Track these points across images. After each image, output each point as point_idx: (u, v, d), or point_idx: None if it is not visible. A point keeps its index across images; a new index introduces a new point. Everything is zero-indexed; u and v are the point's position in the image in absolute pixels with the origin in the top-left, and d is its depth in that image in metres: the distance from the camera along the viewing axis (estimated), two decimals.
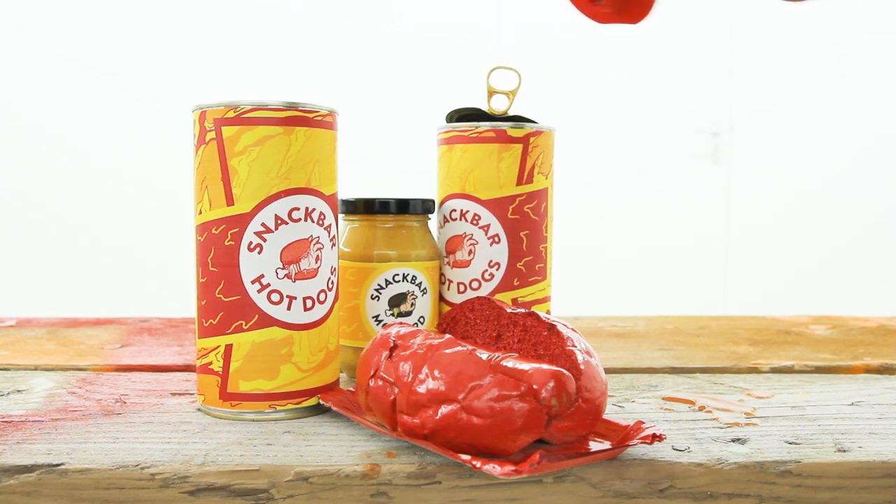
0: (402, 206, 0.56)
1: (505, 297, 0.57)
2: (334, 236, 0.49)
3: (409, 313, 0.56)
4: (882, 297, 2.31)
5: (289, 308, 0.46)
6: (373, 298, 0.55)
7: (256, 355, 0.46)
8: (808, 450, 0.41)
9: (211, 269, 0.46)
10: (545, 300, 0.59)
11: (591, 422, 0.40)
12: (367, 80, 2.31)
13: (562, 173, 0.60)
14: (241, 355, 0.46)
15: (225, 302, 0.46)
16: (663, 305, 2.11)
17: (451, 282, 0.58)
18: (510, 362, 0.38)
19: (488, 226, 0.57)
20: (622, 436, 0.41)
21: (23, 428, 0.44)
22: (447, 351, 0.39)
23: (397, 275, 0.55)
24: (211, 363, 0.47)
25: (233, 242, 0.45)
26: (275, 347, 0.46)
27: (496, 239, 0.57)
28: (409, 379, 0.40)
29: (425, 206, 0.57)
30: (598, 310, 1.04)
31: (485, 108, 0.58)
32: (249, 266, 0.45)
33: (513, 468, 0.35)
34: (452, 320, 0.50)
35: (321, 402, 0.47)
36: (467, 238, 0.57)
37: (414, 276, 0.56)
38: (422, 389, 0.39)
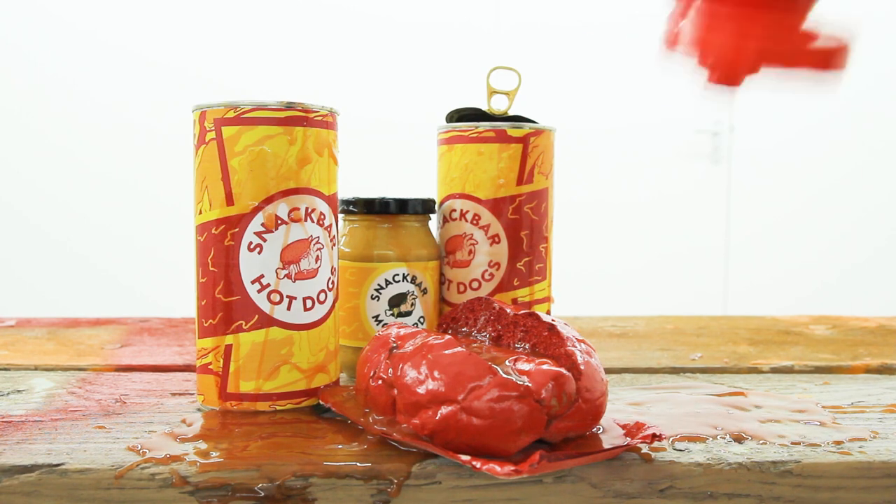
0: (402, 206, 0.56)
1: (505, 297, 0.57)
2: (334, 236, 0.49)
3: (409, 313, 0.56)
4: (882, 297, 2.31)
5: (289, 308, 0.46)
6: (373, 298, 0.55)
7: (256, 355, 0.46)
8: (808, 450, 0.41)
9: (211, 269, 0.46)
10: (545, 300, 0.59)
11: (591, 422, 0.40)
12: (367, 79, 2.31)
13: (562, 173, 0.60)
14: (241, 355, 0.46)
15: (225, 302, 0.46)
16: (663, 305, 2.11)
17: (451, 282, 0.58)
18: (522, 364, 0.38)
19: (488, 226, 0.57)
20: (622, 436, 0.41)
21: (23, 428, 0.44)
22: (447, 351, 0.39)
23: (397, 275, 0.55)
24: (210, 363, 0.47)
25: (232, 242, 0.45)
26: (275, 347, 0.46)
27: (496, 239, 0.57)
28: (409, 379, 0.40)
29: (425, 206, 0.57)
30: (598, 310, 1.03)
31: (485, 108, 0.58)
32: (249, 266, 0.45)
33: (513, 468, 0.35)
34: (452, 320, 0.50)
35: (321, 402, 0.47)
36: (467, 238, 0.57)
37: (414, 276, 0.56)
38: (421, 390, 0.39)
